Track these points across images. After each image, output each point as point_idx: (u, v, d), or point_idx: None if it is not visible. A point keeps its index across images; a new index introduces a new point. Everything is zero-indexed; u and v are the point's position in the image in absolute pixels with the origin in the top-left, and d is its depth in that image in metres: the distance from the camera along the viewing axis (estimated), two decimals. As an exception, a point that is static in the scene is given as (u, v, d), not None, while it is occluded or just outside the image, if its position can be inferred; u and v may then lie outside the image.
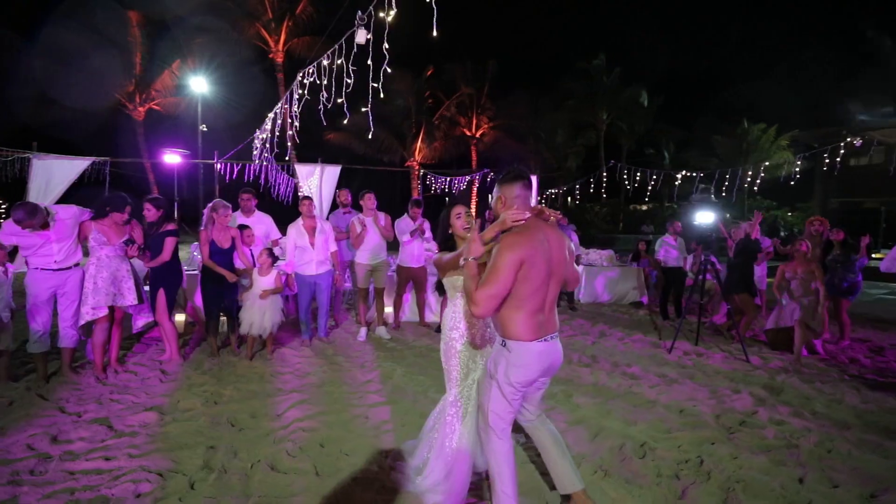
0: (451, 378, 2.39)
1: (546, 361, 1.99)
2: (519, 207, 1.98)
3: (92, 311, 3.66)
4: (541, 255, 1.90)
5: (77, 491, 2.33)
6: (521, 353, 1.95)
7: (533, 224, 1.96)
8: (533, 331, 1.94)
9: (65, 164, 8.68)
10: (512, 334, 1.95)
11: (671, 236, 6.63)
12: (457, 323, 2.39)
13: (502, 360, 1.98)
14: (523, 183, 2.02)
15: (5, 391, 3.48)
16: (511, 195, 2.02)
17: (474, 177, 11.83)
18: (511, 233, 1.94)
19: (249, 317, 4.33)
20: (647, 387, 4.02)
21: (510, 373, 1.96)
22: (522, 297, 1.91)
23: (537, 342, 1.95)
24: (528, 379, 1.98)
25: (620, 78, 22.05)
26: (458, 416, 2.36)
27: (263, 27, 15.81)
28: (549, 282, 1.96)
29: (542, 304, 1.96)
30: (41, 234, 3.51)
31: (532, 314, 1.93)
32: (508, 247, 1.87)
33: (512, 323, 1.94)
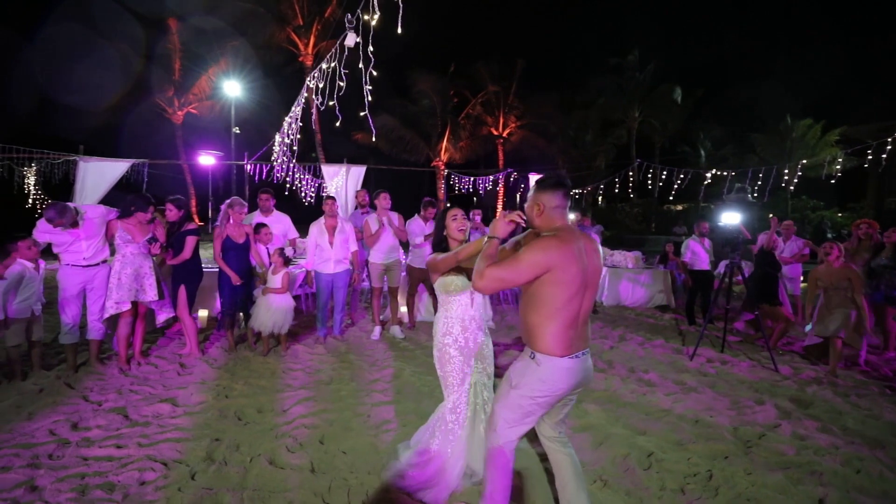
0: (448, 384, 2.37)
1: (575, 379, 1.88)
2: (555, 219, 1.89)
3: (115, 305, 3.86)
4: (576, 263, 1.81)
5: (87, 476, 2.46)
6: (551, 368, 1.84)
7: (568, 231, 1.87)
8: (565, 346, 1.84)
9: (107, 166, 9.19)
10: (542, 347, 1.85)
11: (697, 238, 6.35)
12: (450, 328, 2.36)
13: (529, 373, 1.87)
14: (565, 192, 1.90)
15: (38, 379, 3.72)
16: (551, 204, 1.89)
17: (499, 176, 11.71)
18: (546, 236, 1.85)
19: (260, 314, 4.44)
20: (663, 394, 3.86)
21: (535, 387, 1.86)
22: (556, 306, 1.81)
23: (568, 359, 1.85)
24: (555, 395, 1.88)
25: (654, 74, 21.33)
26: (459, 423, 2.35)
27: (293, 31, 16.26)
28: (583, 293, 1.86)
29: (576, 316, 1.85)
30: (71, 233, 3.73)
31: (565, 327, 1.83)
32: (541, 247, 1.79)
33: (543, 334, 1.84)
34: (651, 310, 7.60)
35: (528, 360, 1.89)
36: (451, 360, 2.34)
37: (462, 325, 2.35)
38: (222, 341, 4.87)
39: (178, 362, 4.24)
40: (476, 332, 2.39)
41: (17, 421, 3.04)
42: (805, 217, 17.84)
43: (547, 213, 1.89)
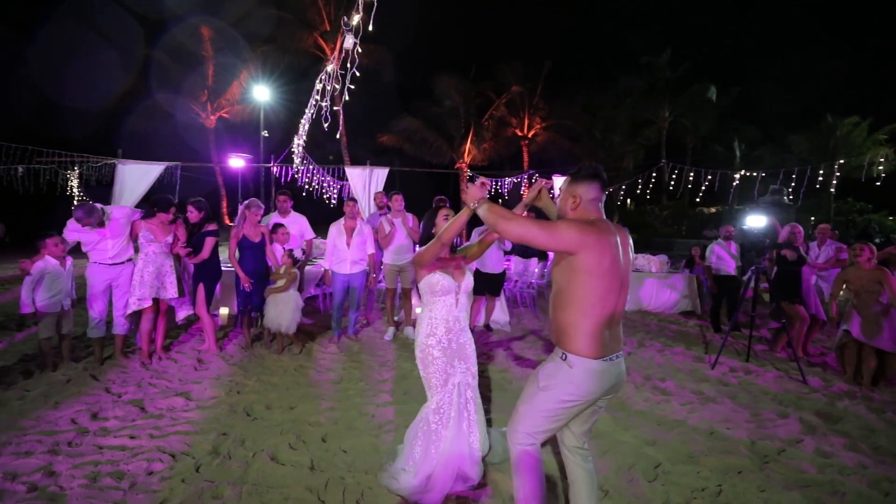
0: (432, 386, 2.37)
1: (608, 383, 1.78)
2: (591, 211, 1.80)
3: (138, 301, 4.04)
4: (612, 255, 1.72)
5: (100, 464, 2.57)
6: (583, 371, 1.73)
7: (605, 223, 1.79)
8: (599, 347, 1.73)
9: (143, 169, 9.65)
10: (575, 348, 1.73)
11: (723, 242, 6.09)
12: (434, 329, 2.35)
13: (559, 376, 1.76)
14: (602, 184, 1.81)
15: (67, 370, 3.93)
16: (588, 196, 1.79)
17: (521, 178, 11.60)
18: (578, 220, 1.76)
19: (269, 312, 4.54)
20: (678, 404, 3.72)
21: (565, 390, 1.75)
22: (591, 302, 1.70)
23: (602, 361, 1.73)
24: (586, 400, 1.77)
25: (687, 73, 20.66)
26: (443, 423, 2.34)
27: (320, 36, 16.67)
28: (619, 289, 1.76)
29: (611, 314, 1.75)
30: (98, 232, 3.93)
31: (600, 326, 1.72)
32: (578, 226, 1.69)
33: (577, 333, 1.73)
34: (675, 316, 7.34)
35: (559, 361, 1.78)
36: (435, 360, 2.32)
37: (446, 327, 2.35)
38: (240, 338, 5.01)
39: (196, 358, 4.39)
40: (459, 333, 2.39)
41: (44, 409, 3.23)
42: (851, 221, 16.82)
43: (583, 206, 1.80)
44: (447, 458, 2.31)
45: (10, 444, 2.75)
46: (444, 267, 2.35)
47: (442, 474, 2.29)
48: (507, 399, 3.68)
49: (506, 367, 4.50)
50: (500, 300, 6.14)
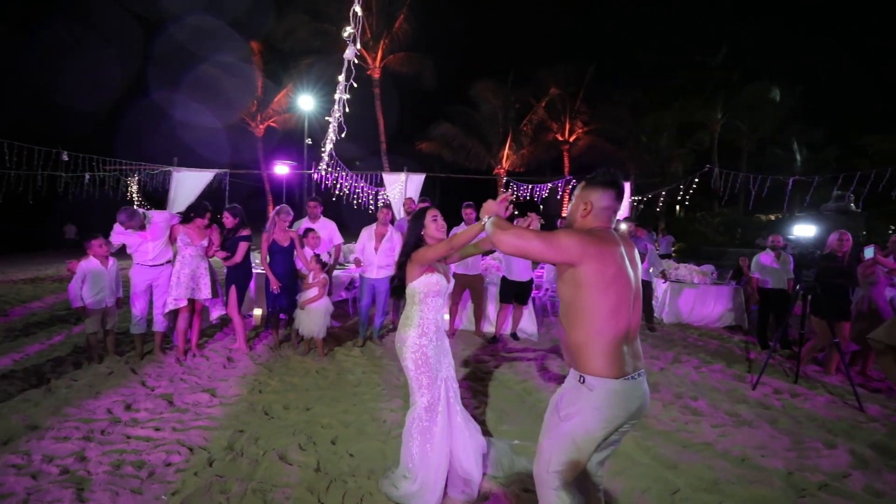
0: (423, 384, 2.37)
1: (633, 405, 1.63)
2: (602, 220, 1.72)
3: (174, 301, 4.30)
4: (619, 265, 1.62)
5: (126, 453, 2.75)
6: (606, 393, 1.58)
7: (609, 233, 1.71)
8: (619, 364, 1.60)
9: (196, 176, 10.32)
10: (593, 368, 1.60)
11: (769, 252, 5.65)
12: (426, 329, 2.38)
13: (581, 402, 1.62)
14: (618, 192, 1.72)
15: (110, 363, 4.24)
16: (600, 203, 1.70)
17: (558, 184, 11.36)
18: (580, 229, 1.69)
19: (300, 317, 4.68)
20: (709, 425, 3.47)
21: (589, 417, 1.61)
22: (602, 316, 1.59)
23: (624, 380, 1.60)
24: (613, 426, 1.62)
25: (744, 72, 19.44)
26: (435, 420, 2.36)
27: (362, 46, 17.20)
28: (632, 302, 1.65)
29: (626, 328, 1.63)
30: (140, 235, 4.23)
31: (617, 342, 1.61)
32: (578, 234, 1.62)
33: (593, 352, 1.61)
34: (719, 330, 6.88)
35: (578, 385, 1.64)
36: (427, 360, 2.35)
37: (436, 326, 2.41)
38: (270, 339, 5.21)
39: (226, 356, 4.61)
40: (443, 333, 2.49)
41: (86, 398, 3.49)
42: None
43: (594, 214, 1.71)
44: (443, 453, 2.32)
45: (53, 428, 3.00)
46: (438, 268, 2.41)
47: (437, 475, 2.29)
48: (523, 411, 3.59)
49: (526, 377, 4.39)
50: (528, 309, 6.02)
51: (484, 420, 3.43)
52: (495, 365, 4.76)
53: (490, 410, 3.60)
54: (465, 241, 2.17)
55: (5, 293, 7.51)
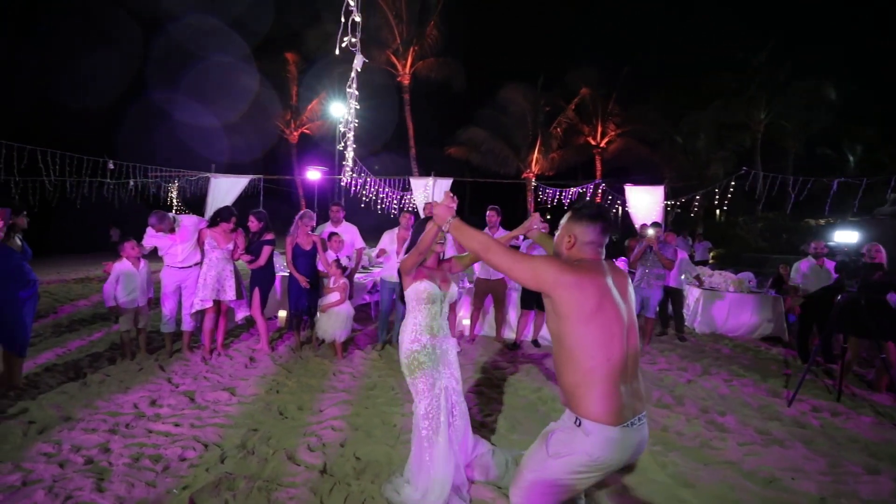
0: (420, 391, 2.37)
1: (629, 452, 1.54)
2: (585, 254, 1.66)
3: (200, 302, 4.48)
4: (600, 295, 1.54)
5: (145, 447, 2.88)
6: (603, 441, 1.49)
7: (595, 263, 1.64)
8: (617, 409, 1.50)
9: (232, 181, 10.77)
10: (588, 412, 1.51)
11: (810, 259, 5.30)
12: (419, 335, 2.39)
13: (574, 444, 1.53)
14: (603, 227, 1.66)
15: (142, 360, 4.47)
16: (584, 238, 1.66)
17: (586, 187, 11.11)
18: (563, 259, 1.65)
19: (321, 321, 4.77)
20: (735, 443, 3.27)
21: (581, 461, 1.53)
22: (590, 353, 1.50)
23: (622, 428, 1.50)
24: (603, 472, 1.56)
25: (793, 70, 18.37)
26: (434, 428, 2.34)
27: (392, 53, 17.52)
28: (624, 336, 1.55)
29: (621, 366, 1.53)
30: (170, 238, 4.45)
31: (613, 381, 1.51)
32: (558, 262, 1.58)
33: (587, 395, 1.51)
34: (755, 341, 6.51)
35: (574, 427, 1.54)
36: (420, 366, 2.35)
37: (431, 333, 2.38)
38: (292, 340, 5.34)
39: (249, 356, 4.75)
40: (442, 340, 2.44)
41: (116, 392, 3.69)
42: None
43: (578, 247, 1.67)
44: (446, 463, 2.29)
45: (83, 420, 3.18)
46: (431, 276, 2.40)
47: (440, 485, 2.26)
48: (535, 420, 3.51)
49: (542, 385, 4.29)
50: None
51: (495, 428, 3.37)
52: (512, 371, 4.69)
53: (502, 418, 3.54)
54: (426, 243, 2.22)
55: (57, 292, 8.07)
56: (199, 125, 18.43)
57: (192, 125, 18.51)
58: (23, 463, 2.63)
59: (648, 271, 5.60)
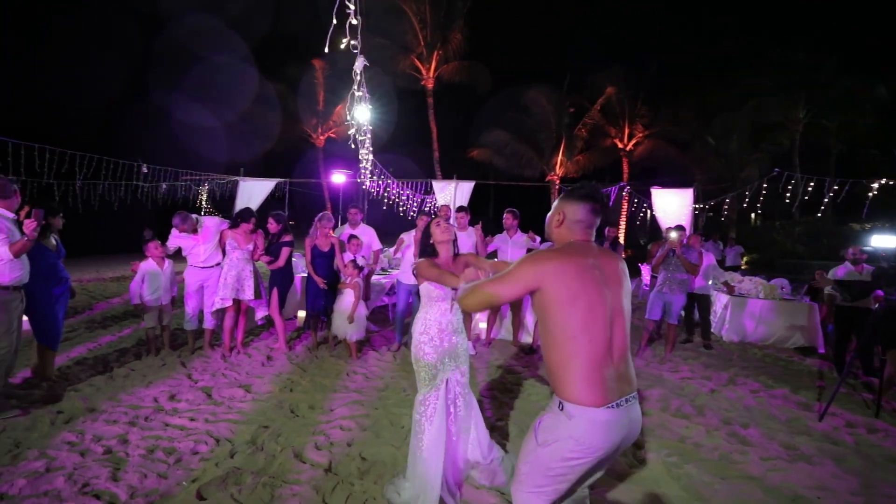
0: (421, 379, 2.47)
1: (619, 434, 1.51)
2: (575, 233, 1.66)
3: (220, 301, 4.62)
4: (585, 279, 1.53)
5: (161, 439, 2.97)
6: (586, 423, 1.47)
7: (580, 245, 1.63)
8: (601, 391, 1.48)
9: (259, 184, 11.08)
10: (570, 394, 1.49)
11: (848, 265, 5.00)
12: (427, 328, 2.48)
13: (559, 430, 1.51)
14: (593, 207, 1.65)
15: (165, 356, 4.64)
16: (573, 216, 1.66)
17: (610, 190, 10.86)
18: (545, 250, 1.67)
19: (335, 320, 4.84)
20: (757, 457, 3.11)
21: (567, 447, 1.49)
22: (572, 335, 1.49)
23: (606, 409, 1.47)
24: (594, 457, 1.51)
25: (837, 67, 17.44)
26: (427, 416, 2.39)
27: (416, 58, 17.67)
28: (608, 318, 1.53)
29: (606, 349, 1.51)
30: (193, 238, 4.61)
31: (595, 364, 1.49)
32: (532, 259, 1.57)
33: (569, 376, 1.50)
34: (788, 351, 6.18)
35: (557, 411, 1.53)
36: (425, 356, 2.44)
37: (439, 328, 2.47)
38: (309, 340, 5.43)
39: (266, 355, 4.86)
40: (451, 335, 2.50)
41: (139, 386, 3.84)
42: None
43: (567, 226, 1.67)
44: (436, 456, 2.31)
45: (106, 412, 3.33)
46: None
47: (431, 479, 2.28)
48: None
49: (556, 391, 4.20)
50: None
51: (507, 432, 3.32)
52: (527, 376, 4.61)
53: (513, 423, 3.49)
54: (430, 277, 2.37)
55: (94, 290, 8.50)
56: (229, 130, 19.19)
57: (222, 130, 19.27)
58: (48, 450, 2.77)
59: (671, 276, 5.42)
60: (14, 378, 3.81)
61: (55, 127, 18.25)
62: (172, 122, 20.66)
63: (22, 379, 3.88)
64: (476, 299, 1.65)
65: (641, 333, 5.80)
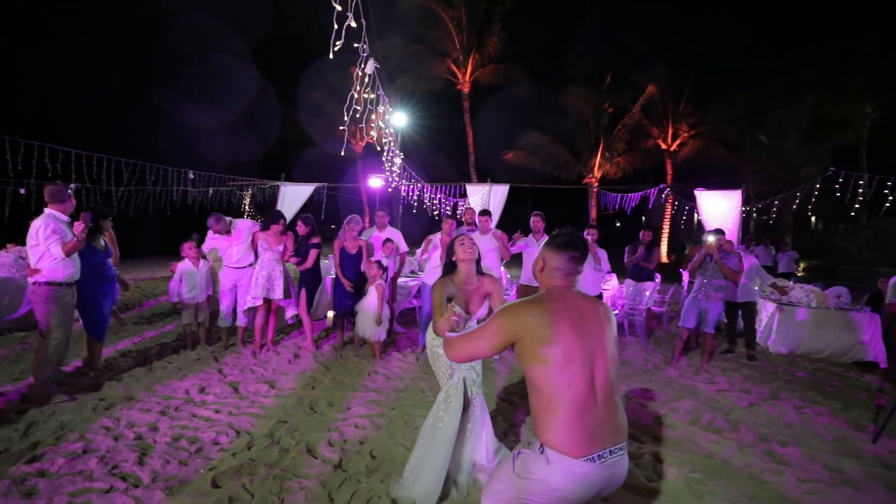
0: (440, 378, 2.58)
1: (596, 487, 1.47)
2: (554, 279, 1.68)
3: (252, 300, 4.83)
4: (565, 322, 1.53)
5: (187, 429, 3.14)
6: (564, 472, 1.43)
7: (561, 292, 1.64)
8: (581, 441, 1.43)
9: (299, 189, 11.52)
10: (550, 440, 1.45)
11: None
12: None
13: (537, 471, 1.47)
14: (571, 255, 1.66)
15: (200, 351, 4.91)
16: (553, 264, 1.68)
17: (649, 192, 10.44)
18: (524, 300, 1.67)
19: (359, 320, 4.93)
20: (794, 478, 2.87)
21: (540, 488, 1.46)
22: (551, 383, 1.47)
23: (586, 461, 1.42)
24: (568, 501, 1.48)
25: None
26: (450, 412, 2.46)
27: (452, 62, 17.81)
28: (591, 361, 1.50)
29: (588, 393, 1.48)
30: (227, 239, 4.86)
31: (576, 410, 1.45)
32: (510, 311, 1.59)
33: (548, 423, 1.47)
34: (844, 366, 5.67)
35: (538, 454, 1.48)
36: (440, 357, 2.57)
37: None
38: (336, 339, 5.57)
39: (294, 353, 5.03)
40: None
41: (174, 379, 4.08)
42: None
43: (547, 272, 1.71)
44: (444, 452, 2.39)
45: (141, 401, 3.56)
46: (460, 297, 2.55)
47: (431, 472, 2.37)
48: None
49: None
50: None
51: (519, 437, 3.26)
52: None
53: (526, 428, 3.42)
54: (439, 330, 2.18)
55: (146, 288, 9.14)
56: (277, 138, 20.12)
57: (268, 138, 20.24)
58: (87, 434, 3.00)
59: (707, 282, 5.12)
60: (67, 366, 4.16)
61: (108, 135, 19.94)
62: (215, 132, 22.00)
63: (74, 368, 4.22)
64: (459, 354, 1.68)
65: (675, 342, 5.52)
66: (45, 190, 3.72)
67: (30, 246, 3.54)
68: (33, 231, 3.54)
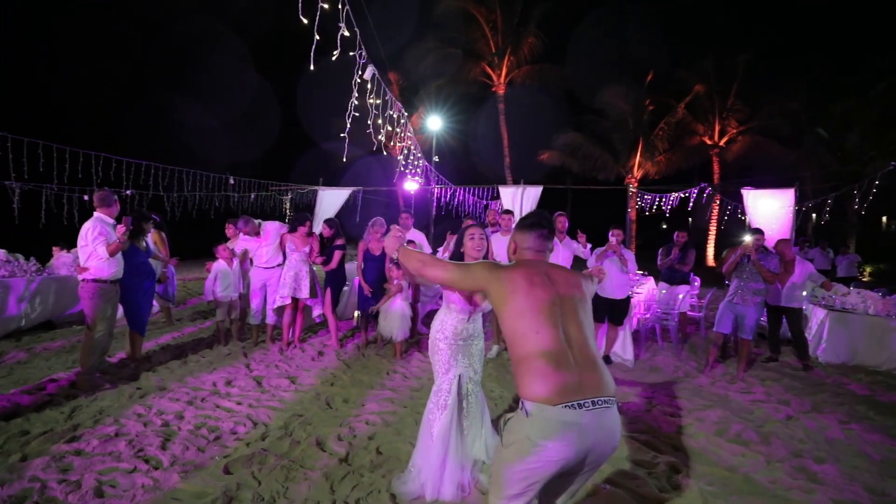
0: (436, 371, 2.58)
1: (582, 441, 1.40)
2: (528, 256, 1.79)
3: (280, 299, 5.05)
4: (529, 283, 1.61)
5: (209, 419, 3.33)
6: (543, 421, 1.39)
7: (529, 262, 1.75)
8: (556, 385, 1.41)
9: (336, 193, 11.91)
10: (526, 390, 1.46)
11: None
12: (443, 327, 2.59)
13: (519, 428, 1.45)
14: (540, 233, 1.79)
15: (231, 347, 5.18)
16: (523, 244, 1.82)
17: (689, 192, 9.95)
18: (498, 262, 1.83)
19: (380, 320, 5.02)
20: (828, 498, 2.65)
21: (525, 448, 1.41)
22: (521, 333, 1.52)
23: (565, 407, 1.39)
24: (553, 461, 1.40)
25: None
26: (439, 406, 2.49)
27: (487, 64, 17.78)
28: (562, 314, 1.55)
29: (561, 344, 1.48)
30: (256, 240, 5.11)
31: (550, 359, 1.45)
32: (486, 264, 1.76)
33: (524, 373, 1.48)
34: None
35: (518, 411, 1.48)
36: (440, 351, 2.56)
37: (454, 331, 2.55)
38: (360, 339, 5.70)
39: (319, 350, 5.20)
40: (467, 338, 2.58)
41: (205, 372, 4.34)
42: None
43: (519, 253, 1.84)
44: (440, 446, 2.41)
45: (172, 391, 3.81)
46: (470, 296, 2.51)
47: (435, 466, 2.39)
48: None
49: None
50: (623, 330, 5.41)
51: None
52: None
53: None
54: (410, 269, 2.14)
55: (192, 287, 9.74)
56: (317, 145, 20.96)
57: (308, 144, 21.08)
58: (121, 419, 3.25)
59: (744, 285, 4.82)
60: (112, 357, 4.52)
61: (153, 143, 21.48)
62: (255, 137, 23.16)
63: (118, 359, 4.58)
64: (413, 263, 1.83)
65: (709, 348, 5.24)
66: (94, 196, 4.08)
67: (80, 246, 3.89)
68: (83, 233, 3.88)
